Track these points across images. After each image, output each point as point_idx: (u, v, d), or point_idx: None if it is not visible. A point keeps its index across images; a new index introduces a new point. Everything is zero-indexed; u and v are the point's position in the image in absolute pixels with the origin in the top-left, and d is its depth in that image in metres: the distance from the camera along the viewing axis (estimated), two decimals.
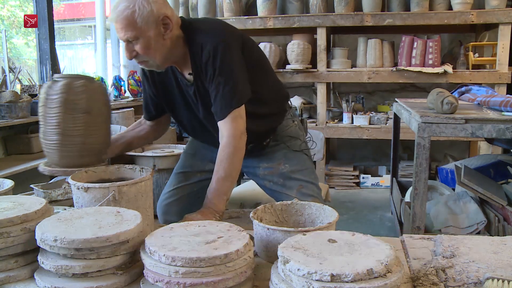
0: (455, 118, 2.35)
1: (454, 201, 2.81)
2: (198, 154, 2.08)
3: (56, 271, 1.09)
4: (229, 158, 1.63)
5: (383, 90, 5.40)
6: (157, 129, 2.08)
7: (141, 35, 1.58)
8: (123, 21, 1.57)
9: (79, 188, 1.39)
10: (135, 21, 1.56)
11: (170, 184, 2.10)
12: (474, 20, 4.26)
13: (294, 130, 2.00)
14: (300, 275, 0.93)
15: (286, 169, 1.93)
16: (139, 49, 1.61)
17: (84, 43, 9.69)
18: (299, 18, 4.63)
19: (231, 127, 1.65)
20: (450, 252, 1.27)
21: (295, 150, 1.96)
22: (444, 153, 5.18)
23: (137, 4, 1.56)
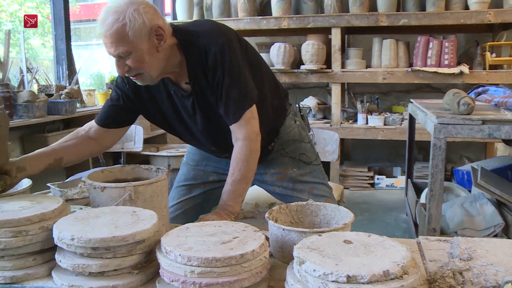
0: (472, 119, 2.32)
1: (471, 203, 2.78)
2: (200, 165, 2.03)
3: (73, 270, 1.10)
4: (245, 160, 1.60)
5: (398, 91, 5.36)
6: (100, 142, 1.81)
7: (133, 49, 1.47)
8: (113, 35, 1.45)
9: (95, 187, 1.40)
10: (127, 35, 1.44)
11: (173, 198, 2.03)
12: (491, 19, 4.21)
13: (297, 131, 1.95)
14: (316, 276, 0.92)
15: (294, 173, 1.90)
16: (132, 64, 1.50)
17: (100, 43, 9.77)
18: (313, 18, 4.61)
19: (246, 129, 1.61)
20: (467, 255, 1.25)
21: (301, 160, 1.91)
22: (460, 154, 5.13)
23: (128, 16, 1.44)
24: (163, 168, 1.58)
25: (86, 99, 4.19)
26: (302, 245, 1.03)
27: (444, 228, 2.69)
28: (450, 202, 2.98)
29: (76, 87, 3.84)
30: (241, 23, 4.78)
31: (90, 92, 4.25)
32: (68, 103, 3.56)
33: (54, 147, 1.69)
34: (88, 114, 3.86)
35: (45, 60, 6.07)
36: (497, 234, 2.51)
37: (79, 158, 1.79)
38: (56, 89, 3.70)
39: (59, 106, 3.52)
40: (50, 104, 3.51)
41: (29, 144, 3.55)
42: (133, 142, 3.17)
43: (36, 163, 1.60)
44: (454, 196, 3.23)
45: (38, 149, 1.66)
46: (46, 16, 6.62)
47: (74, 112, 3.67)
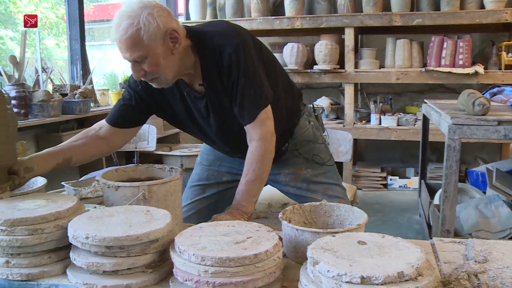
0: (487, 119, 2.30)
1: (485, 205, 2.75)
2: (214, 165, 2.02)
3: (88, 268, 1.10)
4: (259, 161, 1.60)
5: (412, 91, 5.32)
6: (111, 142, 1.80)
7: (148, 53, 1.47)
8: (128, 41, 1.45)
9: (109, 186, 1.41)
10: (142, 39, 1.44)
11: (187, 198, 2.02)
12: (508, 18, 4.16)
13: (311, 132, 1.94)
14: (329, 277, 0.92)
15: (308, 173, 1.90)
16: (147, 68, 1.50)
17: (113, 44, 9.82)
18: (327, 18, 4.60)
19: (261, 130, 1.60)
20: (482, 257, 1.24)
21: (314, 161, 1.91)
22: (474, 155, 5.08)
23: (142, 21, 1.44)
24: (176, 167, 1.58)
25: (100, 98, 4.22)
26: (316, 246, 1.03)
27: (458, 230, 2.66)
28: (464, 204, 2.95)
29: (90, 86, 3.87)
30: (254, 23, 4.78)
31: (103, 91, 4.28)
32: (82, 103, 3.59)
33: (63, 147, 1.68)
34: (101, 113, 3.89)
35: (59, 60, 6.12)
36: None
37: (89, 157, 1.78)
38: (70, 88, 3.73)
39: (73, 106, 3.55)
40: (65, 104, 3.54)
41: (43, 143, 3.59)
42: (146, 142, 3.19)
43: (44, 163, 1.60)
44: (468, 197, 3.20)
45: (47, 149, 1.66)
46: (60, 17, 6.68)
47: (88, 112, 3.70)
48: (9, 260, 1.18)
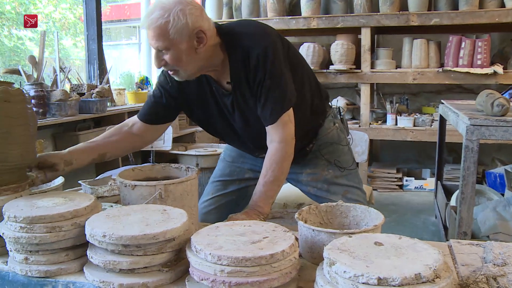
0: (507, 120, 2.27)
1: (504, 207, 2.71)
2: (237, 162, 2.04)
3: (104, 266, 1.11)
4: (279, 162, 1.61)
5: (428, 91, 5.27)
6: (143, 138, 1.86)
7: (172, 47, 1.51)
8: (155, 30, 1.49)
9: (126, 185, 1.42)
10: (168, 32, 1.48)
11: (208, 193, 2.04)
12: None
13: (335, 134, 1.94)
14: (346, 278, 0.91)
15: (329, 174, 1.90)
16: (169, 60, 1.54)
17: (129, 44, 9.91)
18: (343, 18, 4.58)
19: (282, 132, 1.61)
20: (501, 260, 1.22)
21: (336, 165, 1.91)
22: (492, 156, 5.02)
23: (172, 15, 1.48)
24: (193, 167, 1.59)
25: (116, 98, 4.25)
26: (332, 246, 1.02)
27: (475, 232, 2.63)
28: (481, 206, 2.91)
29: (106, 86, 3.90)
30: (270, 23, 4.77)
31: (120, 91, 4.31)
32: (99, 102, 3.62)
33: (98, 142, 1.75)
34: (118, 113, 3.92)
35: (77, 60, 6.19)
36: None
37: (122, 153, 1.91)
38: (87, 88, 3.77)
39: (90, 105, 3.59)
40: (82, 103, 3.58)
41: (60, 142, 3.63)
42: (162, 141, 3.21)
43: (82, 157, 1.68)
44: (486, 199, 3.16)
45: (82, 143, 1.74)
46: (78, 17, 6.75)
47: (105, 111, 3.73)
48: (28, 257, 1.20)
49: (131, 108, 4.14)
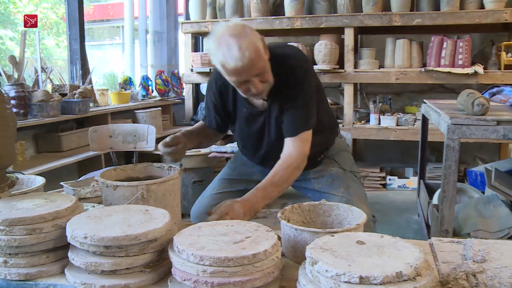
0: (487, 119, 2.30)
1: (484, 205, 2.75)
2: (247, 164, 2.12)
3: (86, 268, 1.10)
4: (288, 171, 1.69)
5: (411, 91, 5.32)
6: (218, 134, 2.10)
7: (264, 67, 1.63)
8: (249, 62, 1.56)
9: (108, 186, 1.41)
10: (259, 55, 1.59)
11: (213, 188, 2.10)
12: (507, 18, 4.15)
13: (342, 143, 2.15)
14: (328, 277, 0.92)
15: (334, 170, 2.01)
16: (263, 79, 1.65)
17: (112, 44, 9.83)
18: (326, 18, 4.60)
19: (299, 146, 1.73)
20: (481, 257, 1.24)
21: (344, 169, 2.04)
22: (473, 155, 5.08)
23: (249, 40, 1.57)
24: (175, 166, 1.58)
25: (99, 98, 4.21)
26: (314, 246, 1.03)
27: (457, 230, 2.66)
28: (463, 204, 2.95)
29: (89, 86, 3.86)
30: (254, 23, 4.78)
31: (103, 91, 4.27)
32: (81, 103, 3.59)
33: (198, 130, 2.01)
34: (101, 113, 3.89)
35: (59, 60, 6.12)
36: (511, 236, 2.48)
37: (211, 143, 2.31)
38: (69, 88, 3.73)
39: (73, 106, 3.55)
40: (64, 104, 3.54)
41: (42, 143, 3.59)
42: (145, 142, 3.18)
43: (193, 140, 1.93)
44: (467, 197, 3.20)
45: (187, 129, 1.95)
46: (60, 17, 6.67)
47: (87, 112, 3.69)
48: (7, 260, 1.18)
49: (114, 108, 4.11)
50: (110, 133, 3.19)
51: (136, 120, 4.28)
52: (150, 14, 5.71)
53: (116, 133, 3.20)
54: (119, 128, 3.24)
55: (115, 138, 3.20)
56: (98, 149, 3.20)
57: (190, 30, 5.10)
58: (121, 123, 3.56)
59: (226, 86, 1.87)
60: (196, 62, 4.97)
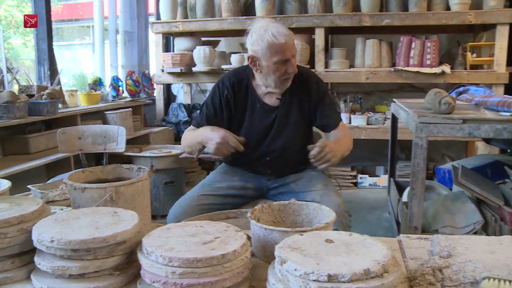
0: (453, 118, 2.35)
1: (452, 201, 2.81)
2: (230, 171, 2.25)
3: (53, 272, 1.08)
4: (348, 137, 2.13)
5: (381, 90, 5.40)
6: None
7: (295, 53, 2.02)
8: (292, 38, 1.97)
9: (76, 188, 1.39)
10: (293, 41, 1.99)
11: (194, 191, 2.16)
12: (472, 20, 4.26)
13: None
14: (297, 275, 0.93)
15: (312, 172, 2.20)
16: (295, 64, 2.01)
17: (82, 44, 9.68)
18: (297, 18, 4.63)
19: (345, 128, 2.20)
20: (447, 252, 1.27)
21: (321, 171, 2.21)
22: (441, 153, 5.19)
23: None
24: (144, 167, 1.57)
25: (68, 99, 4.14)
26: (283, 245, 1.03)
27: (426, 226, 2.71)
28: (431, 201, 3.01)
29: (58, 87, 3.79)
30: (225, 23, 4.78)
31: (72, 92, 4.20)
32: (49, 104, 3.52)
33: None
34: (70, 115, 3.82)
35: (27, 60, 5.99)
36: (477, 231, 2.54)
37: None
38: (37, 89, 3.65)
39: (40, 107, 3.48)
40: (31, 105, 3.46)
41: (9, 145, 3.50)
42: (115, 143, 3.14)
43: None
44: (436, 194, 3.26)
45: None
46: None
47: (56, 113, 3.62)
48: None
49: (84, 110, 4.05)
50: (79, 135, 3.13)
51: (107, 121, 4.22)
52: (120, 14, 5.64)
53: (86, 135, 3.15)
54: (89, 129, 3.19)
55: (84, 139, 3.15)
56: (67, 151, 3.15)
57: (161, 30, 5.06)
58: (91, 125, 3.51)
59: (240, 83, 2.13)
60: (167, 63, 4.94)
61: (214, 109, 2.14)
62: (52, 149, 3.61)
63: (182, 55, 4.89)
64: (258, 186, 2.21)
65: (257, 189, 2.21)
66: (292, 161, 2.19)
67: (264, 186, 2.22)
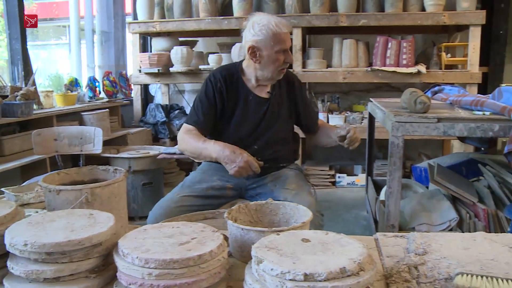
0: (428, 117, 2.39)
1: (428, 199, 2.85)
2: (209, 171, 2.28)
3: (27, 276, 1.06)
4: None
5: (358, 90, 5.45)
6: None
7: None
8: (289, 32, 2.11)
9: (51, 190, 1.36)
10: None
11: (174, 193, 2.17)
12: (446, 21, 4.33)
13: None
14: (273, 275, 0.93)
15: (288, 171, 2.27)
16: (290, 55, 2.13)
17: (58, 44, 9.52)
18: None
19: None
20: (422, 249, 1.29)
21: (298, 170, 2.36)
22: (418, 151, 5.26)
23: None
24: (120, 168, 1.56)
25: (44, 100, 4.07)
26: (260, 245, 1.04)
27: (403, 224, 2.75)
28: (408, 199, 3.05)
29: (32, 88, 3.73)
30: (203, 23, 4.77)
31: (48, 93, 4.13)
32: (24, 105, 3.46)
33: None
34: (46, 116, 3.76)
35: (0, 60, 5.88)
36: (452, 228, 2.58)
37: None
38: (11, 90, 3.58)
39: (15, 108, 3.42)
40: (5, 106, 3.40)
41: None
42: (92, 144, 3.11)
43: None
44: (413, 192, 3.30)
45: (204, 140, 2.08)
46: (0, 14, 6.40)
47: (31, 114, 3.57)
48: None
49: (60, 111, 3.99)
50: (55, 136, 3.09)
51: (83, 122, 4.16)
52: (96, 13, 5.57)
53: (62, 136, 3.11)
54: (65, 130, 3.14)
55: (60, 141, 3.10)
56: (42, 152, 3.10)
57: (138, 30, 5.03)
58: (67, 126, 3.46)
59: (231, 77, 2.20)
60: (145, 63, 4.90)
61: (208, 103, 2.18)
62: (27, 151, 3.55)
63: (159, 55, 4.86)
64: (237, 186, 2.22)
65: (236, 189, 2.22)
66: (276, 153, 2.25)
67: (243, 186, 2.23)
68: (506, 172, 2.81)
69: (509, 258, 1.21)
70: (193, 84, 5.69)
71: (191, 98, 5.84)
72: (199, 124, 2.16)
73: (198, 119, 2.17)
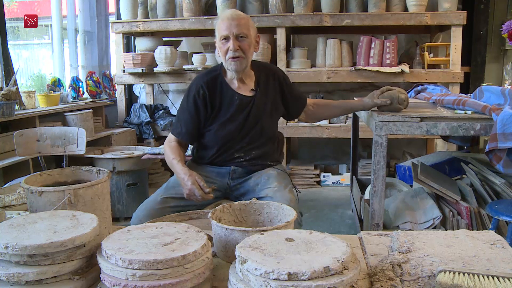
0: (411, 116, 2.40)
1: (412, 198, 2.88)
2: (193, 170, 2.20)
3: (8, 280, 1.05)
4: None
5: (343, 90, 5.47)
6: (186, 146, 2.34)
7: (248, 36, 2.08)
8: (240, 19, 2.07)
9: (33, 192, 1.35)
10: (248, 25, 2.10)
11: (158, 194, 2.17)
12: (428, 21, 4.37)
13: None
14: (257, 275, 0.93)
15: (273, 171, 2.27)
16: (243, 46, 2.07)
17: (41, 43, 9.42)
18: (258, 18, 4.64)
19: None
20: (406, 248, 1.30)
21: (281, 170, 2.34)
22: (402, 150, 5.30)
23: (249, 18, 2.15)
24: (104, 169, 1.55)
25: (26, 101, 4.02)
26: (244, 244, 1.04)
27: (387, 223, 2.77)
28: (392, 197, 3.07)
29: (14, 88, 3.68)
30: (186, 23, 4.75)
31: (30, 93, 4.08)
32: (5, 106, 3.41)
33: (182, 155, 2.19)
34: (28, 116, 3.72)
35: None
36: (436, 226, 2.61)
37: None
38: None
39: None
40: None
41: None
42: (75, 145, 3.07)
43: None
44: (397, 191, 3.33)
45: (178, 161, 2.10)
46: None
47: (13, 115, 3.52)
48: None
49: (43, 111, 3.94)
50: (37, 137, 3.05)
51: (66, 123, 4.12)
52: (79, 13, 5.52)
53: (44, 137, 3.07)
54: (47, 131, 3.11)
55: (43, 142, 3.06)
56: (25, 154, 3.06)
57: (122, 30, 4.99)
58: (50, 126, 3.42)
59: (214, 81, 2.21)
60: (128, 63, 4.87)
61: (191, 113, 2.20)
62: (9, 152, 3.50)
63: (143, 55, 4.84)
64: (221, 187, 2.22)
65: (220, 190, 2.21)
66: (262, 151, 2.27)
67: (227, 186, 2.23)
68: (488, 170, 2.84)
69: (490, 255, 1.23)
70: (178, 84, 5.67)
71: (175, 98, 5.81)
72: (181, 135, 2.21)
73: (180, 131, 2.21)
